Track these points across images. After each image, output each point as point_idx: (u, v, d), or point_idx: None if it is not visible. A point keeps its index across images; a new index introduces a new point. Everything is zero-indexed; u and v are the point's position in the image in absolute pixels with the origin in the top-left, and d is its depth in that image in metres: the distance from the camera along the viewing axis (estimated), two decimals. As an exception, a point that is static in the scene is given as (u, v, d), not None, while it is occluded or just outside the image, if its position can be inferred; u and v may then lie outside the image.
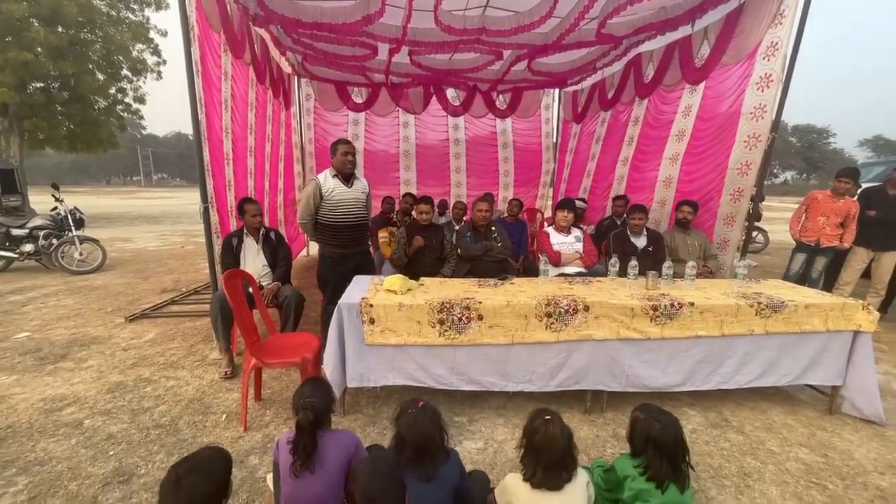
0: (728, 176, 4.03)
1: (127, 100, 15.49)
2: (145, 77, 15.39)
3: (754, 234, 9.21)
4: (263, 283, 3.40)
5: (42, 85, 13.39)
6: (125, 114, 15.73)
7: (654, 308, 2.57)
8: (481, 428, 2.55)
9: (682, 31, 4.51)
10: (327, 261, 3.36)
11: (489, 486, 1.79)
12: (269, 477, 1.96)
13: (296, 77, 6.99)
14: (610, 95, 6.00)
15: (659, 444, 1.62)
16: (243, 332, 2.49)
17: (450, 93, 7.37)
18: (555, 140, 7.98)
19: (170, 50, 15.81)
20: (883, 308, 4.63)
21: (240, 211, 3.39)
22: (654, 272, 2.96)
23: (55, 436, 2.41)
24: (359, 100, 7.32)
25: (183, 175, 65.53)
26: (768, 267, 7.63)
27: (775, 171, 54.08)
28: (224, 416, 2.61)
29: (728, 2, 4.00)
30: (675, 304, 2.58)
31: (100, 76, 14.16)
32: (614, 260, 3.17)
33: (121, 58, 14.57)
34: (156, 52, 15.60)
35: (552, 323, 2.56)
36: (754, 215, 4.15)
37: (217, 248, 3.43)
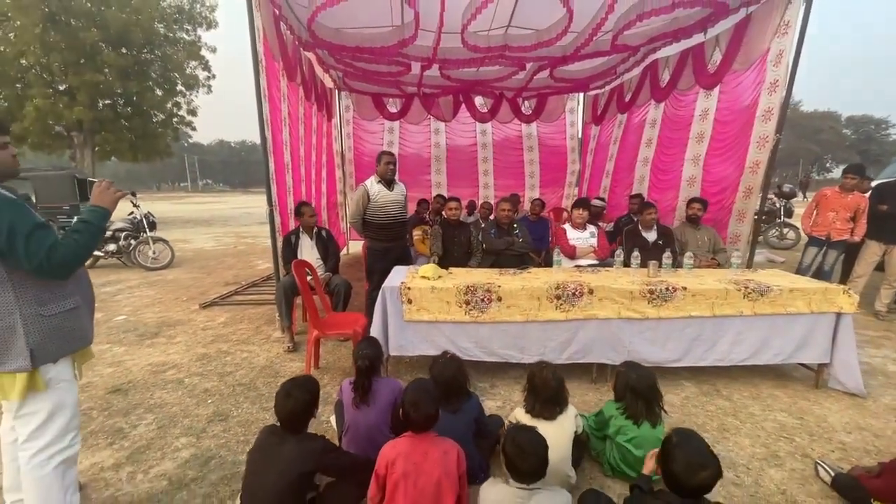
0: (743, 174, 4.33)
1: (181, 112, 16.89)
2: (197, 91, 16.73)
3: (785, 230, 9.22)
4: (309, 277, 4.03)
5: (109, 102, 14.87)
6: (180, 126, 17.12)
7: (651, 291, 2.98)
8: (500, 391, 3.03)
9: (696, 39, 4.81)
10: (374, 253, 3.95)
11: (502, 424, 2.28)
12: (333, 419, 2.52)
13: (336, 91, 7.68)
14: (627, 99, 6.32)
15: (635, 390, 2.07)
16: (308, 309, 3.09)
17: (478, 100, 7.85)
18: (579, 141, 8.32)
19: (216, 65, 17.16)
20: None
21: (298, 212, 4.03)
22: (655, 262, 3.36)
23: (165, 388, 3.08)
24: (393, 109, 7.93)
25: (226, 181, 69.09)
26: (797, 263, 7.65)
27: (828, 164, 51.21)
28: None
29: (737, 12, 4.30)
30: (670, 288, 2.98)
31: (158, 92, 15.56)
32: (619, 251, 3.58)
33: (176, 74, 15.94)
34: (206, 67, 16.92)
35: (561, 304, 3.02)
36: (783, 211, 4.40)
37: (279, 245, 4.07)
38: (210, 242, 10.74)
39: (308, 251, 4.09)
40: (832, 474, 2.08)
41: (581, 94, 7.96)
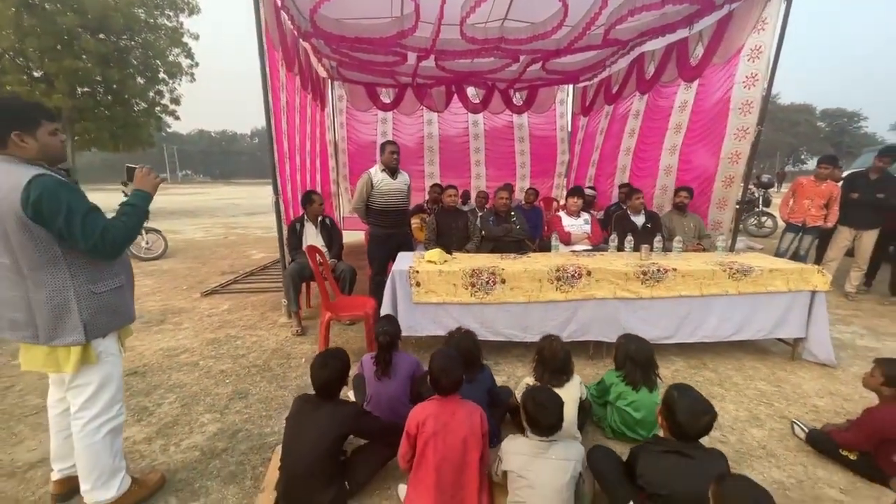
0: (721, 164, 4.57)
1: (164, 101, 16.53)
2: (180, 79, 16.37)
3: (763, 219, 9.63)
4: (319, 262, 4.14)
5: (89, 90, 14.47)
6: (163, 115, 16.76)
7: (644, 273, 3.19)
8: (505, 368, 3.23)
9: (681, 34, 5.02)
10: (376, 238, 4.08)
11: (511, 394, 2.47)
12: (351, 393, 2.67)
13: (330, 81, 7.70)
14: (614, 90, 6.53)
15: (634, 359, 2.28)
16: (321, 292, 3.23)
17: (470, 91, 7.96)
18: (569, 132, 8.52)
19: (199, 53, 16.81)
20: (867, 282, 5.12)
21: (306, 200, 4.13)
22: (647, 245, 3.58)
23: (181, 370, 3.19)
24: (387, 100, 7.99)
25: (207, 172, 67.63)
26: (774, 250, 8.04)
27: (803, 156, 52.83)
28: (303, 359, 3.35)
29: (721, 9, 4.51)
30: (661, 269, 3.20)
31: (140, 80, 15.19)
32: (613, 236, 3.79)
33: (158, 62, 15.57)
34: (189, 55, 16.55)
35: (561, 285, 3.21)
36: (762, 201, 4.65)
37: (285, 233, 4.17)
38: (199, 233, 10.67)
39: (313, 239, 4.19)
40: (806, 431, 2.33)
41: (571, 86, 8.15)
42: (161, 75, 15.94)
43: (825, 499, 1.98)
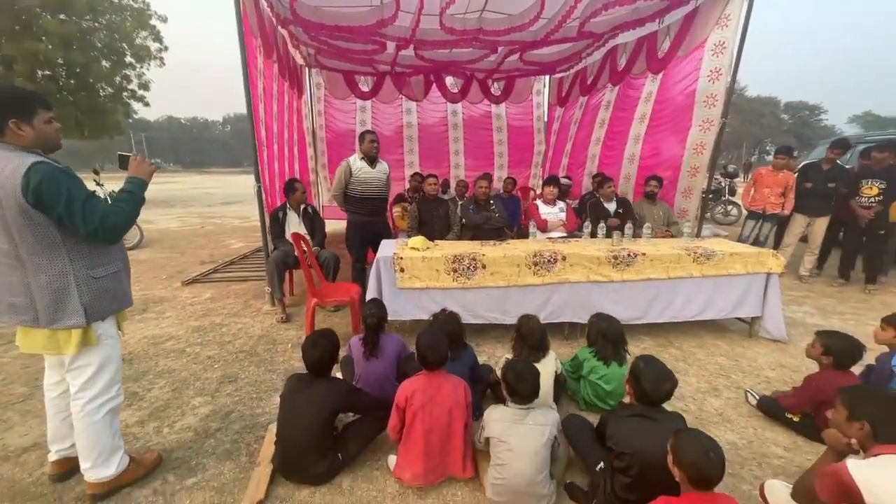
0: (686, 155, 4.81)
1: (131, 86, 15.91)
2: (149, 64, 15.78)
3: (729, 207, 10.08)
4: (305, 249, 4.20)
5: (50, 73, 13.81)
6: (131, 100, 16.14)
7: (616, 257, 3.39)
8: (485, 349, 3.39)
9: (650, 28, 5.22)
10: (353, 226, 4.15)
11: (492, 371, 2.63)
12: (339, 374, 2.78)
13: (307, 68, 7.62)
14: (589, 82, 6.71)
15: (605, 335, 2.47)
16: (307, 279, 3.31)
17: (448, 80, 8.02)
18: (545, 122, 8.69)
19: (168, 37, 16.22)
20: (819, 265, 5.51)
21: (288, 189, 4.16)
22: (618, 231, 3.79)
23: (168, 357, 3.23)
24: (365, 88, 7.96)
25: (177, 160, 65.28)
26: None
27: (768, 148, 54.77)
28: (290, 345, 3.44)
29: (688, 4, 4.71)
30: (631, 254, 3.40)
31: (105, 64, 14.57)
32: (587, 223, 3.98)
33: (124, 45, 14.95)
34: (157, 38, 15.94)
35: (538, 270, 3.38)
36: (728, 190, 4.89)
37: (267, 221, 4.20)
38: (175, 223, 10.45)
39: (295, 227, 4.24)
40: (757, 398, 2.57)
41: (547, 77, 8.29)
42: (128, 59, 15.32)
43: (771, 456, 2.22)
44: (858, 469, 1.37)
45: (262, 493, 1.88)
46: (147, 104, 16.54)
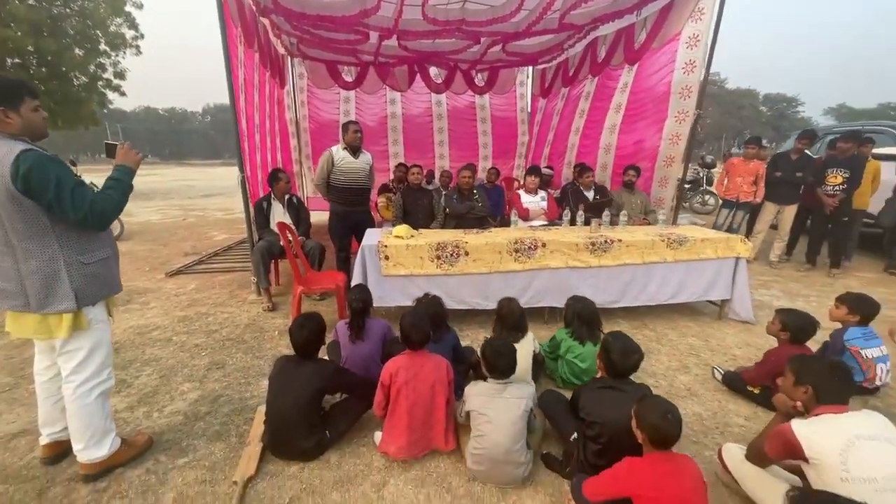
0: (662, 145, 4.95)
1: (107, 75, 15.44)
2: (124, 52, 15.33)
3: (706, 197, 10.35)
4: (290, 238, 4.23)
5: (20, 61, 13.33)
6: (106, 90, 15.68)
7: (593, 244, 3.52)
8: (469, 333, 3.50)
9: (628, 20, 5.33)
10: (335, 216, 4.20)
11: (474, 353, 2.74)
12: (326, 358, 2.86)
13: (289, 58, 7.55)
14: (571, 73, 6.82)
15: (581, 316, 2.59)
16: (293, 267, 3.37)
17: (432, 71, 8.04)
18: (528, 113, 8.79)
19: (144, 25, 15.78)
20: (788, 251, 5.75)
21: (272, 179, 4.18)
22: (597, 219, 3.92)
23: (155, 345, 3.26)
24: (349, 78, 7.93)
25: (155, 152, 63.60)
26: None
27: (747, 139, 55.84)
28: (276, 332, 3.49)
29: (665, -3, 4.83)
30: (608, 240, 3.54)
31: (79, 52, 14.11)
32: (567, 212, 4.11)
33: (98, 32, 14.49)
34: (133, 25, 15.47)
35: (519, 257, 3.49)
36: (705, 180, 5.04)
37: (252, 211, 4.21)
38: (156, 216, 10.29)
39: (280, 217, 4.26)
40: (722, 373, 2.74)
41: (531, 68, 8.37)
42: (102, 47, 14.84)
43: (733, 425, 2.38)
44: (801, 427, 1.52)
45: (253, 469, 1.96)
46: (123, 94, 16.09)
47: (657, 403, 1.54)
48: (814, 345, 2.58)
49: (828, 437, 1.47)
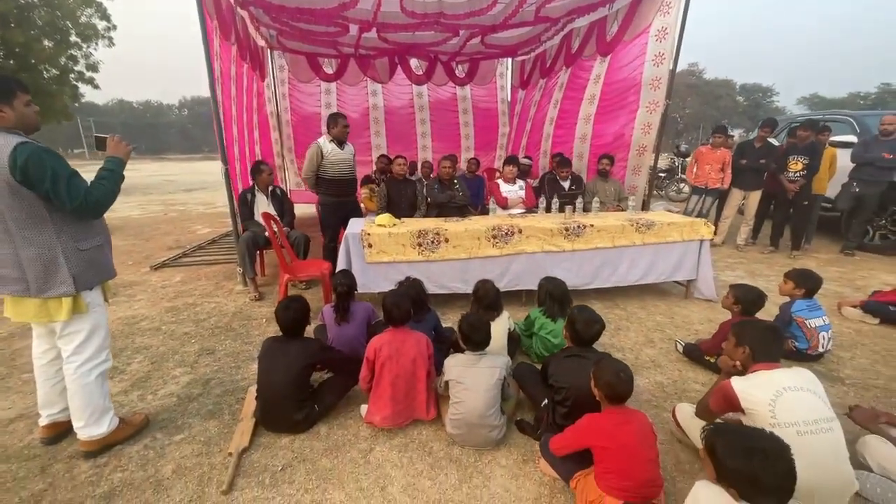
0: (634, 134, 5.16)
1: (78, 68, 15.04)
2: (96, 44, 14.94)
3: (681, 185, 10.68)
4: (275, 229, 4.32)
5: (-15, 53, 12.91)
6: (79, 83, 15.27)
7: (567, 229, 3.71)
8: (450, 317, 3.65)
9: (601, 13, 5.50)
10: (326, 207, 4.31)
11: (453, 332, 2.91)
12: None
13: (269, 50, 7.53)
14: (548, 65, 6.98)
15: (552, 295, 2.78)
16: (278, 256, 3.48)
17: (413, 63, 8.11)
18: (509, 104, 8.93)
19: (116, 15, 15.38)
20: (753, 235, 6.05)
21: (256, 171, 4.26)
22: (570, 206, 4.11)
23: (144, 335, 3.35)
24: (329, 70, 7.95)
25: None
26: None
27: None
28: (264, 320, 3.60)
29: (634, -10, 5.01)
30: (581, 226, 3.73)
31: (48, 44, 13.70)
32: (542, 199, 4.29)
33: (68, 23, 14.09)
34: (105, 16, 15.07)
35: (497, 242, 3.66)
36: (681, 168, 5.16)
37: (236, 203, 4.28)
38: (136, 211, 10.17)
39: (264, 208, 4.34)
40: (683, 345, 2.97)
41: (510, 60, 8.50)
42: (73, 38, 14.44)
43: (690, 391, 2.60)
44: (738, 383, 1.73)
45: (247, 442, 2.10)
46: (97, 86, 15.70)
47: (611, 364, 1.73)
48: (765, 316, 2.83)
49: (760, 389, 1.68)
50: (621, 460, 1.60)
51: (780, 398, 1.63)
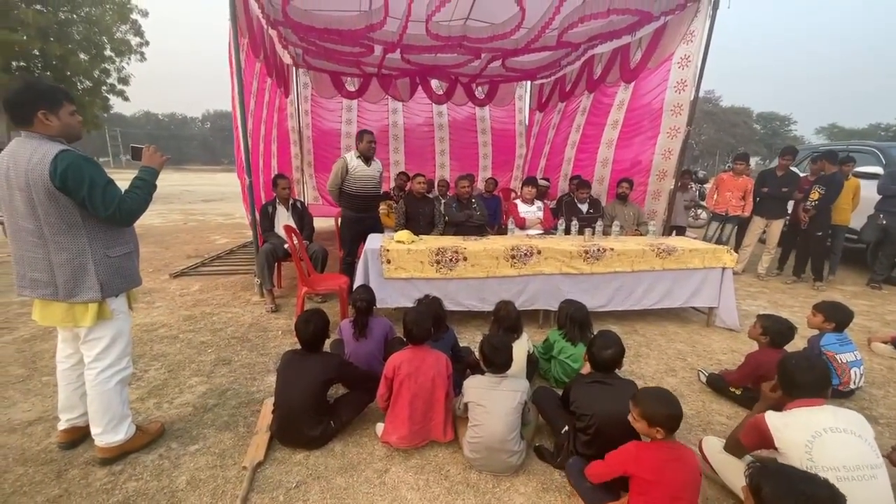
0: (655, 160, 5.15)
1: (111, 80, 15.64)
2: (129, 58, 15.55)
3: (699, 211, 10.58)
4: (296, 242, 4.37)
5: (25, 65, 13.50)
6: (110, 94, 15.85)
7: (586, 252, 3.68)
8: (465, 336, 3.62)
9: (625, 40, 5.56)
10: (347, 221, 4.35)
11: (471, 352, 2.87)
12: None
13: (295, 68, 7.75)
14: (567, 89, 7.06)
15: (573, 318, 2.74)
16: (297, 269, 3.51)
17: (434, 83, 8.26)
18: (526, 126, 9.01)
19: (147, 31, 16.03)
20: (779, 265, 5.92)
21: (276, 185, 4.32)
22: (590, 229, 4.08)
23: (162, 342, 3.37)
24: (352, 88, 8.13)
25: (154, 156, 63.52)
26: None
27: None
28: (280, 332, 3.61)
29: (658, 20, 5.07)
30: (601, 249, 3.70)
31: (83, 57, 14.30)
32: (562, 221, 4.28)
33: (104, 38, 14.71)
34: (138, 32, 15.72)
35: (515, 262, 3.64)
36: (698, 195, 5.18)
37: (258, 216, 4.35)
38: (157, 219, 10.39)
39: (285, 221, 4.40)
40: (706, 376, 2.88)
41: (529, 83, 8.62)
42: (107, 52, 15.06)
43: (715, 423, 2.52)
44: (774, 419, 1.66)
45: (262, 456, 2.08)
46: (127, 99, 16.26)
47: (658, 393, 1.68)
48: (793, 351, 2.74)
49: (796, 428, 1.61)
50: (663, 498, 1.53)
51: (818, 439, 1.55)
